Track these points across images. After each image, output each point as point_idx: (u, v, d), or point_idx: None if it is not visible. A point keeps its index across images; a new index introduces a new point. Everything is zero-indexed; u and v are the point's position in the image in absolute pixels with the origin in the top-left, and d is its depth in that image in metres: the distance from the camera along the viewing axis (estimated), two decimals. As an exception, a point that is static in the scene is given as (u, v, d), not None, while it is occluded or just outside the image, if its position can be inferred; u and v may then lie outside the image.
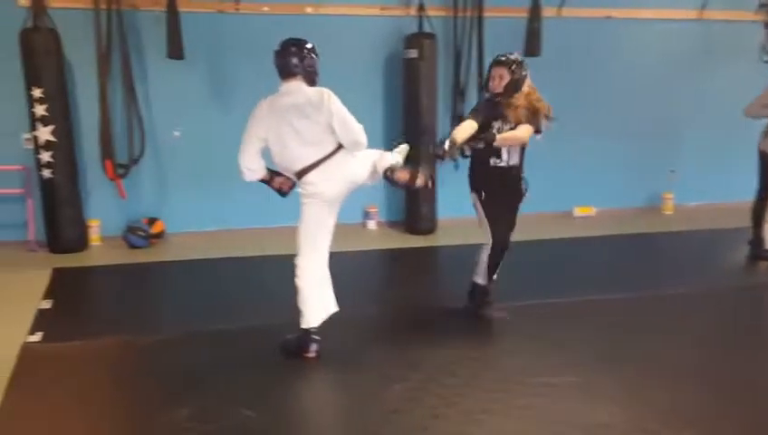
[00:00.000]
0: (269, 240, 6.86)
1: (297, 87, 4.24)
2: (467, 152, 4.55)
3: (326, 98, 4.21)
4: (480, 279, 4.95)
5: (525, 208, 7.71)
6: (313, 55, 4.37)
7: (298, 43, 4.31)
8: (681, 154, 8.44)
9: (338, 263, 5.50)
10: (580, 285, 5.77)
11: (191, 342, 4.61)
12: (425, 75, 7.10)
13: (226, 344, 4.56)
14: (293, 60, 4.25)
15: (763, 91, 6.39)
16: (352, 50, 7.28)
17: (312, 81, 4.34)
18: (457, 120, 7.52)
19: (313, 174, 4.21)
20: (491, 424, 3.57)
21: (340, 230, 7.09)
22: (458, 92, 7.55)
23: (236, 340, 4.62)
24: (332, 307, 4.39)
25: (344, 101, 7.50)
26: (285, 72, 4.27)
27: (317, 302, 4.32)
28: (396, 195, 7.55)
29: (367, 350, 4.54)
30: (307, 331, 4.28)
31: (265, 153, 4.32)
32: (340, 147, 4.28)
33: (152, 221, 6.95)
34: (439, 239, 7.32)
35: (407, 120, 7.28)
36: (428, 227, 7.46)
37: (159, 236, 6.98)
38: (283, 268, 4.30)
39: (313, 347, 4.28)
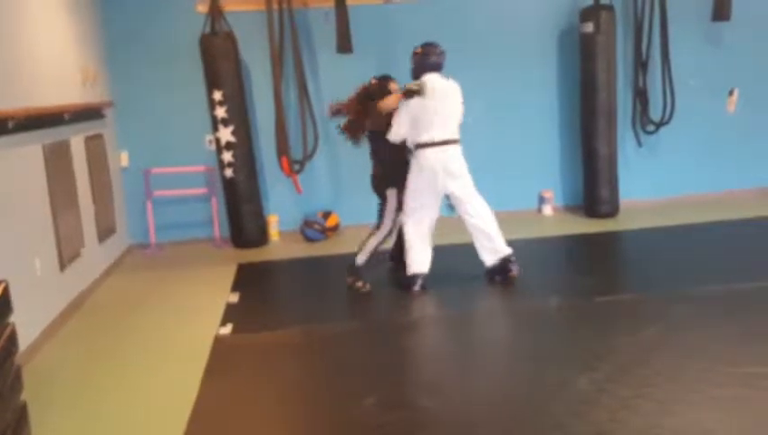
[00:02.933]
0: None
1: None
2: None
3: None
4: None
5: (718, 185, 7.02)
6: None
7: None
8: None
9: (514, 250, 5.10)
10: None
11: (371, 330, 4.46)
12: (602, 49, 6.42)
13: (407, 332, 4.37)
14: None
15: None
16: (526, 26, 6.75)
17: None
18: (641, 95, 6.80)
19: None
20: (687, 416, 3.07)
21: (515, 217, 6.63)
22: (640, 66, 6.76)
23: (418, 328, 4.42)
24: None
25: (519, 79, 7.04)
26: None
27: None
28: (573, 178, 6.91)
29: (550, 339, 4.19)
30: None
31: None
32: None
33: (327, 215, 6.76)
34: (621, 224, 6.59)
35: (584, 96, 6.61)
36: (609, 211, 6.74)
37: (335, 229, 6.78)
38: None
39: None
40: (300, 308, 5.01)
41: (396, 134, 4.93)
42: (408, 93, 4.89)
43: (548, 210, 7.00)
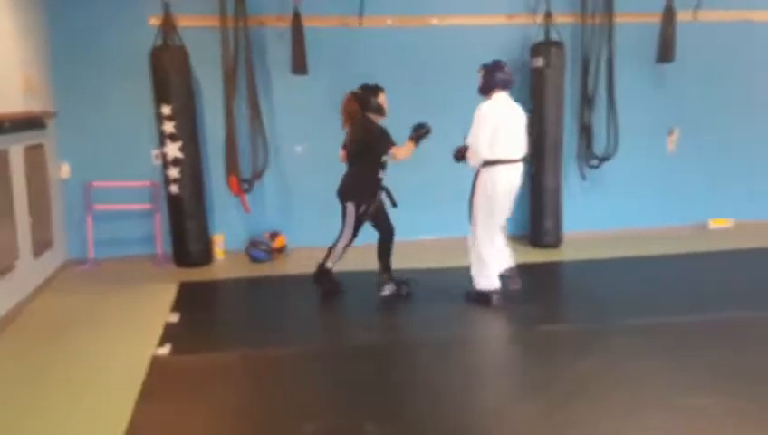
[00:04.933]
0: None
1: None
2: None
3: None
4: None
5: (654, 220, 7.12)
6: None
7: None
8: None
9: (454, 277, 5.04)
10: (715, 301, 5.11)
11: (315, 356, 4.30)
12: (551, 84, 6.46)
13: (352, 359, 4.22)
14: None
15: None
16: (478, 60, 6.71)
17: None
18: (586, 130, 6.88)
19: None
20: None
21: (462, 244, 6.59)
22: (586, 101, 6.84)
23: (363, 355, 4.27)
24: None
25: (471, 111, 6.99)
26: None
27: None
28: (519, 208, 6.90)
29: (493, 367, 4.21)
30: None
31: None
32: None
33: (274, 235, 6.57)
34: (564, 254, 6.61)
35: (533, 131, 6.61)
36: (553, 242, 6.75)
37: (281, 250, 6.59)
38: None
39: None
40: (242, 330, 4.81)
41: (477, 156, 4.93)
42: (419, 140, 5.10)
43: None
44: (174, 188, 6.18)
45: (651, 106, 7.05)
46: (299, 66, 6.23)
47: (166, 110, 6.06)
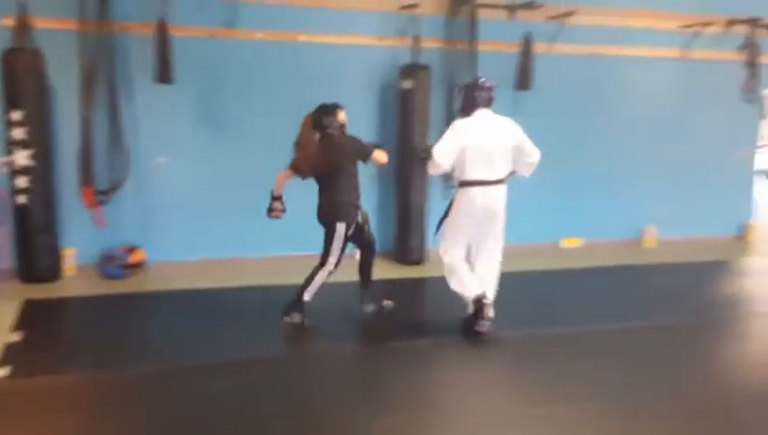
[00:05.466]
0: (255, 270, 6.38)
1: None
2: None
3: None
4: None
5: (514, 239, 7.43)
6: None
7: None
8: (665, 188, 8.01)
9: (323, 296, 5.05)
10: (568, 316, 5.44)
11: (167, 377, 4.11)
12: (418, 106, 6.62)
13: (206, 380, 4.08)
14: None
15: None
16: (347, 79, 6.80)
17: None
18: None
19: None
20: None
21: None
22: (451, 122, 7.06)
23: (216, 375, 4.15)
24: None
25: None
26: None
27: None
28: (385, 225, 7.01)
29: (351, 384, 4.20)
30: None
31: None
32: None
33: (131, 250, 6.26)
34: (428, 271, 6.75)
35: (400, 150, 6.76)
36: (417, 258, 6.89)
37: (139, 265, 6.29)
38: (268, 298, 3.91)
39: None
40: (90, 351, 4.53)
41: (437, 167, 4.82)
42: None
43: (359, 256, 7.01)
44: (22, 199, 5.76)
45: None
46: (163, 75, 6.01)
47: (16, 115, 5.65)
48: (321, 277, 4.97)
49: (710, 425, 3.71)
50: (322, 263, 4.98)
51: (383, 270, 6.64)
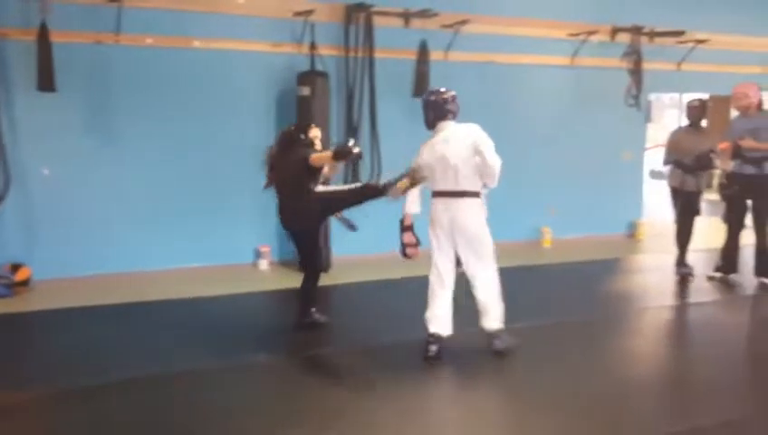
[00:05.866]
0: (147, 285, 6.17)
1: None
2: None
3: None
4: None
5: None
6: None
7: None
8: (560, 190, 8.31)
9: (226, 306, 4.92)
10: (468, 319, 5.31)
11: (58, 400, 3.92)
12: (317, 113, 6.57)
13: (98, 401, 3.91)
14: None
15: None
16: (244, 86, 6.70)
17: None
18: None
19: None
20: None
21: (230, 271, 6.47)
22: (351, 131, 7.07)
23: (109, 396, 3.98)
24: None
25: (237, 138, 6.93)
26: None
27: None
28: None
29: (257, 396, 4.09)
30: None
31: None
32: None
33: (16, 267, 5.91)
34: (333, 278, 6.72)
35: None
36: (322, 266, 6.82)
37: (24, 283, 5.93)
38: (160, 314, 3.75)
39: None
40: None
41: None
42: (339, 155, 4.79)
43: (264, 265, 6.92)
44: None
45: (412, 136, 7.40)
46: (45, 83, 5.72)
47: None
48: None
49: (598, 416, 3.85)
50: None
51: (286, 279, 6.58)
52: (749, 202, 6.44)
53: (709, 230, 7.39)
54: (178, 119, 6.50)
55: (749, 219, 6.54)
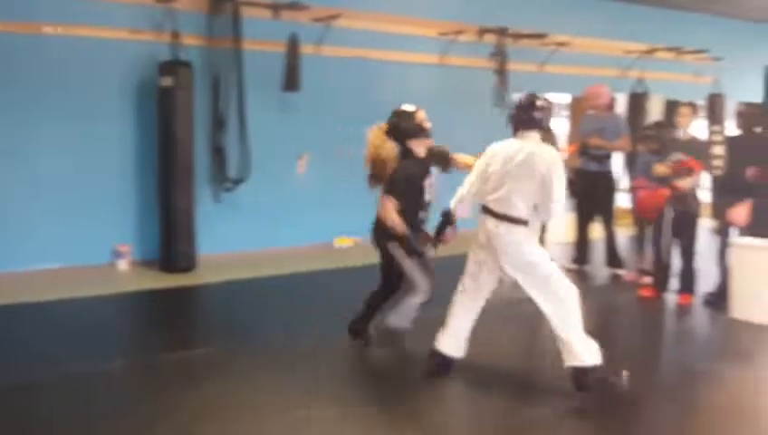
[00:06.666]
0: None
1: None
2: None
3: None
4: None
5: (288, 241, 7.43)
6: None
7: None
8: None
9: (81, 309, 4.65)
10: (338, 317, 5.28)
11: None
12: (181, 105, 6.33)
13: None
14: None
15: None
16: (100, 76, 6.33)
17: None
18: (218, 152, 6.89)
19: None
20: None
21: (87, 272, 6.12)
22: (217, 124, 6.86)
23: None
24: None
25: (92, 132, 6.55)
26: None
27: None
28: (151, 232, 6.63)
29: (113, 401, 3.91)
30: None
31: None
32: None
33: None
34: (199, 278, 6.51)
35: (162, 151, 6.44)
36: (187, 265, 6.60)
37: None
38: (7, 320, 3.41)
39: None
40: None
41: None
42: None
43: (123, 265, 6.58)
44: None
45: (282, 130, 7.36)
46: None
47: None
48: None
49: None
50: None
51: (149, 280, 6.31)
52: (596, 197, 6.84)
53: (564, 225, 7.78)
54: (25, 112, 6.04)
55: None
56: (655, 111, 9.52)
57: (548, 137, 4.72)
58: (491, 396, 4.05)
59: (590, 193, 6.78)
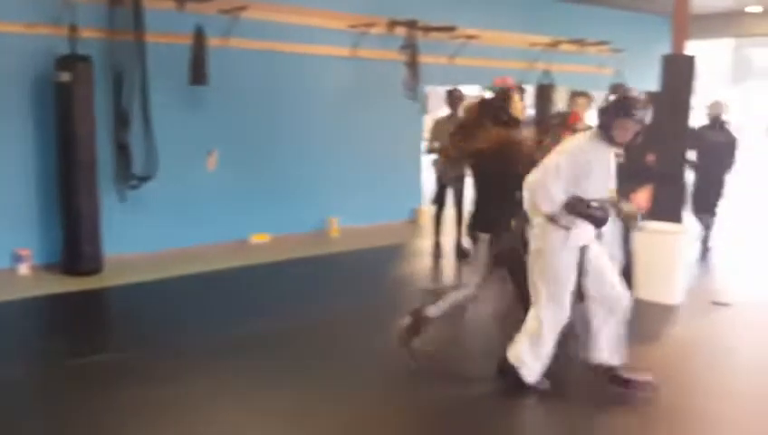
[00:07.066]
0: None
1: None
2: None
3: None
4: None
5: (200, 239, 7.24)
6: None
7: None
8: (344, 180, 8.44)
9: None
10: (254, 314, 5.43)
11: None
12: (80, 101, 6.05)
13: None
14: None
15: None
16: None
17: None
18: (122, 149, 6.64)
19: None
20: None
21: None
22: (121, 120, 6.60)
23: None
24: None
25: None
26: None
27: None
28: (52, 234, 6.32)
29: (7, 411, 3.70)
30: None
31: None
32: None
33: None
34: (105, 280, 6.25)
35: (62, 151, 6.15)
36: (92, 268, 6.31)
37: None
38: None
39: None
40: None
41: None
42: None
43: (24, 269, 6.24)
44: None
45: (191, 126, 7.15)
46: None
47: None
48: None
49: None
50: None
51: (51, 284, 6.01)
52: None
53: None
54: None
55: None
56: (561, 102, 9.82)
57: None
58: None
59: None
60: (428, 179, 8.67)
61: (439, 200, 7.50)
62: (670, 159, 6.44)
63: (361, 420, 3.74)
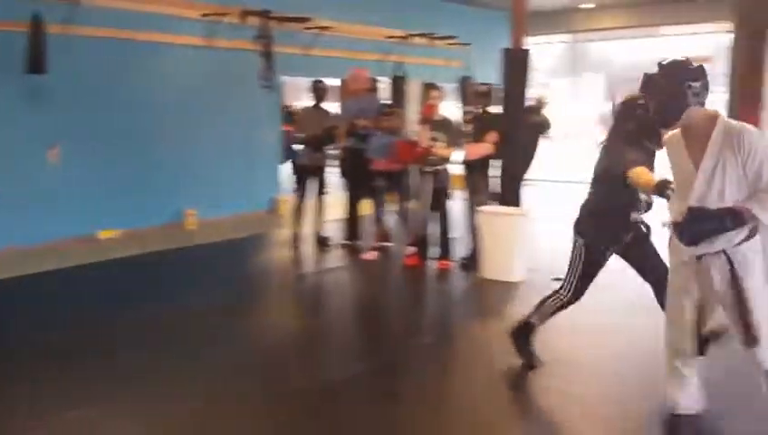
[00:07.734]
0: None
1: None
2: None
3: None
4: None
5: (45, 235, 6.87)
6: None
7: None
8: (201, 171, 8.29)
9: None
10: (97, 313, 5.37)
11: None
12: None
13: None
14: None
15: None
16: None
17: None
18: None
19: None
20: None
21: None
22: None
23: None
24: None
25: None
26: None
27: None
28: None
29: None
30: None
31: None
32: None
33: None
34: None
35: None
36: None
37: None
38: None
39: None
40: None
41: None
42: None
43: None
44: None
45: (31, 117, 6.74)
46: None
47: None
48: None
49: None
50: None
51: None
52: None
53: (337, 203, 8.11)
54: None
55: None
56: (413, 94, 10.20)
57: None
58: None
59: (358, 172, 7.18)
60: (286, 169, 8.76)
61: (300, 190, 7.62)
62: (510, 151, 6.86)
63: (211, 408, 3.79)
